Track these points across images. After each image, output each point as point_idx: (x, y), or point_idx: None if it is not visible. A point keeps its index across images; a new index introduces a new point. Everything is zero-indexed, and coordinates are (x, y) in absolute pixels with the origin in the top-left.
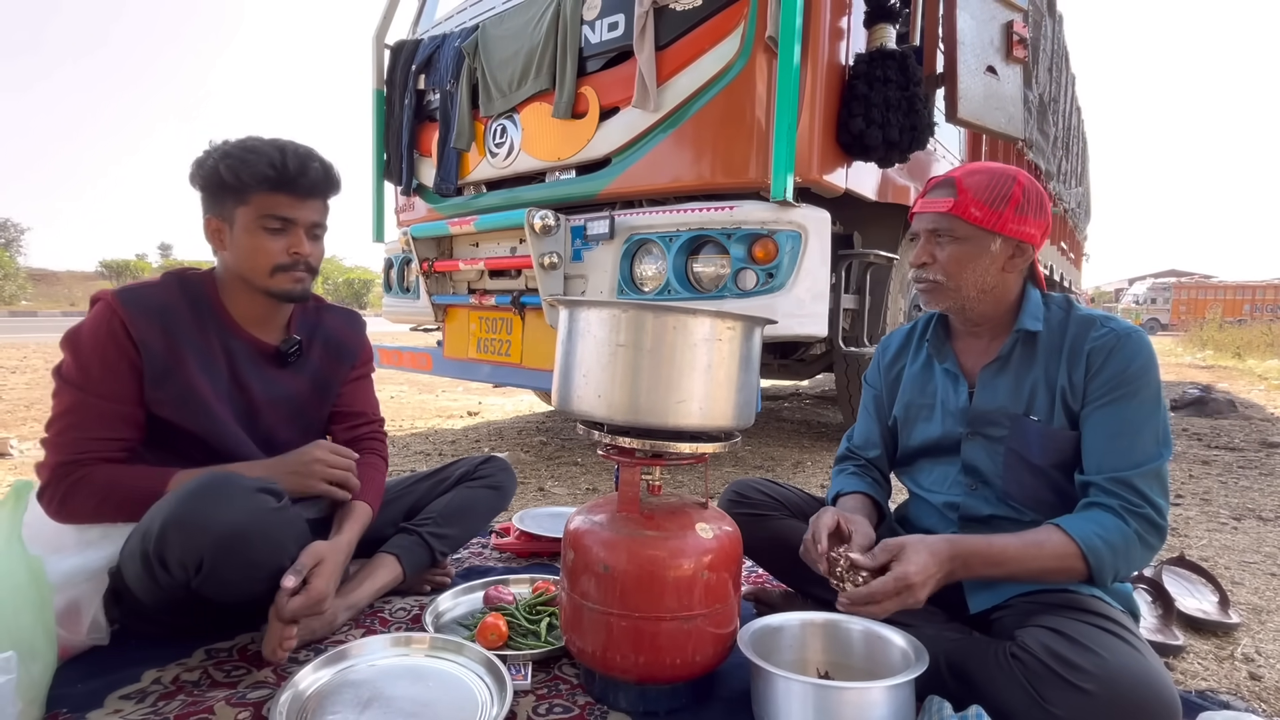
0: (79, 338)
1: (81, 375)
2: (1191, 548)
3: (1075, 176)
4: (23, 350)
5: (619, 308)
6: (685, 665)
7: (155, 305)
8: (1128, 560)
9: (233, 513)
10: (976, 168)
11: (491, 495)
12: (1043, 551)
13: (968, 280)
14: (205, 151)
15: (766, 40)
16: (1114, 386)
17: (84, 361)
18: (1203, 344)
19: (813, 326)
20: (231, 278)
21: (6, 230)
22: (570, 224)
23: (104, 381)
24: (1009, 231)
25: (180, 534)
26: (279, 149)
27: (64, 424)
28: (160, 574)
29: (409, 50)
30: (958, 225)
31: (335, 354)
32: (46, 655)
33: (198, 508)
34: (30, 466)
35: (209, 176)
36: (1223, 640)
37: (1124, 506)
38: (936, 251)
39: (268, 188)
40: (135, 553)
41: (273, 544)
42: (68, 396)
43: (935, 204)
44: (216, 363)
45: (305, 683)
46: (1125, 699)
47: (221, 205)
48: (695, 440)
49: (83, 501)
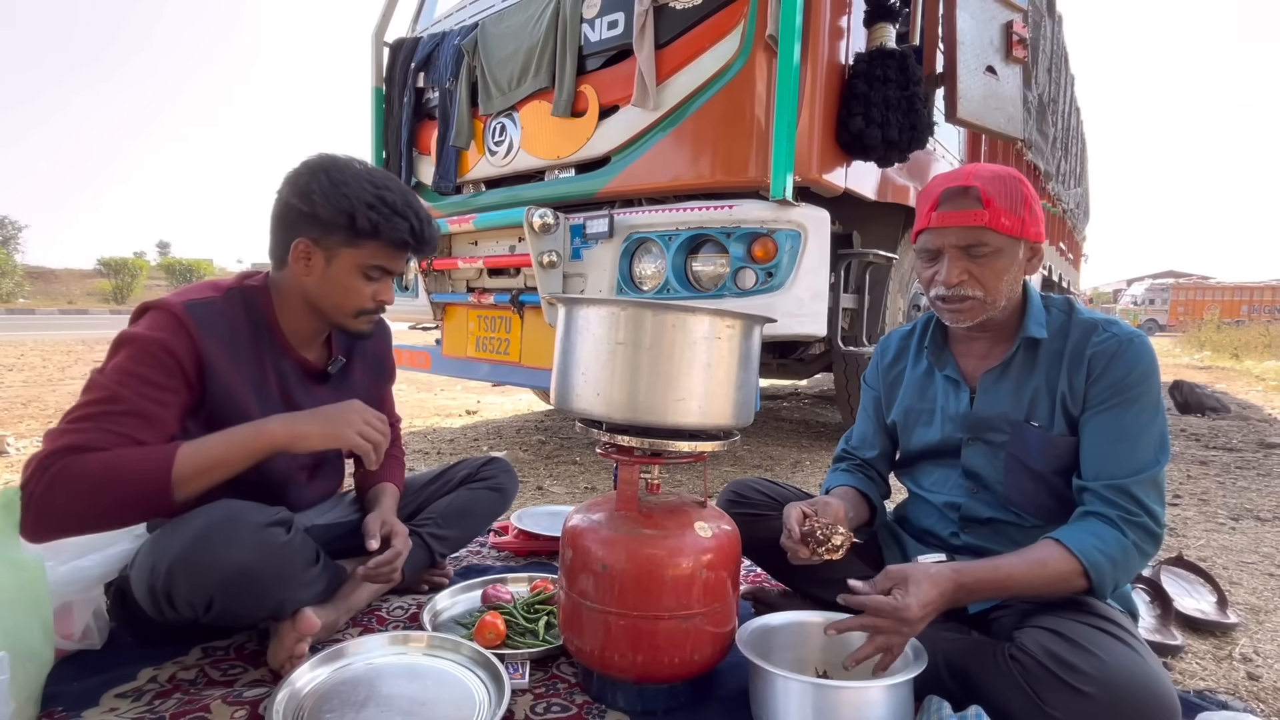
0: (138, 340)
1: (129, 374)
2: (1189, 548)
3: (1074, 177)
4: (20, 348)
5: (618, 305)
6: (683, 664)
7: (224, 324)
8: (1127, 571)
9: (241, 551)
10: (985, 174)
11: (493, 497)
12: (1046, 570)
13: (1003, 292)
14: (325, 177)
15: (766, 39)
16: (1115, 392)
17: (138, 362)
18: (1201, 345)
19: (812, 326)
20: (296, 300)
21: (4, 228)
22: (569, 222)
23: (152, 385)
24: (1030, 235)
25: (188, 575)
26: (416, 215)
27: (87, 412)
28: (168, 610)
29: (408, 48)
30: (992, 237)
31: (376, 370)
32: (43, 654)
33: (205, 548)
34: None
35: (332, 211)
36: (1221, 640)
37: (1122, 517)
38: (971, 267)
39: (390, 244)
40: (143, 584)
41: (282, 578)
42: (102, 389)
43: (964, 217)
44: (269, 385)
45: (302, 681)
46: (1124, 701)
47: (328, 236)
48: (694, 439)
49: (71, 490)
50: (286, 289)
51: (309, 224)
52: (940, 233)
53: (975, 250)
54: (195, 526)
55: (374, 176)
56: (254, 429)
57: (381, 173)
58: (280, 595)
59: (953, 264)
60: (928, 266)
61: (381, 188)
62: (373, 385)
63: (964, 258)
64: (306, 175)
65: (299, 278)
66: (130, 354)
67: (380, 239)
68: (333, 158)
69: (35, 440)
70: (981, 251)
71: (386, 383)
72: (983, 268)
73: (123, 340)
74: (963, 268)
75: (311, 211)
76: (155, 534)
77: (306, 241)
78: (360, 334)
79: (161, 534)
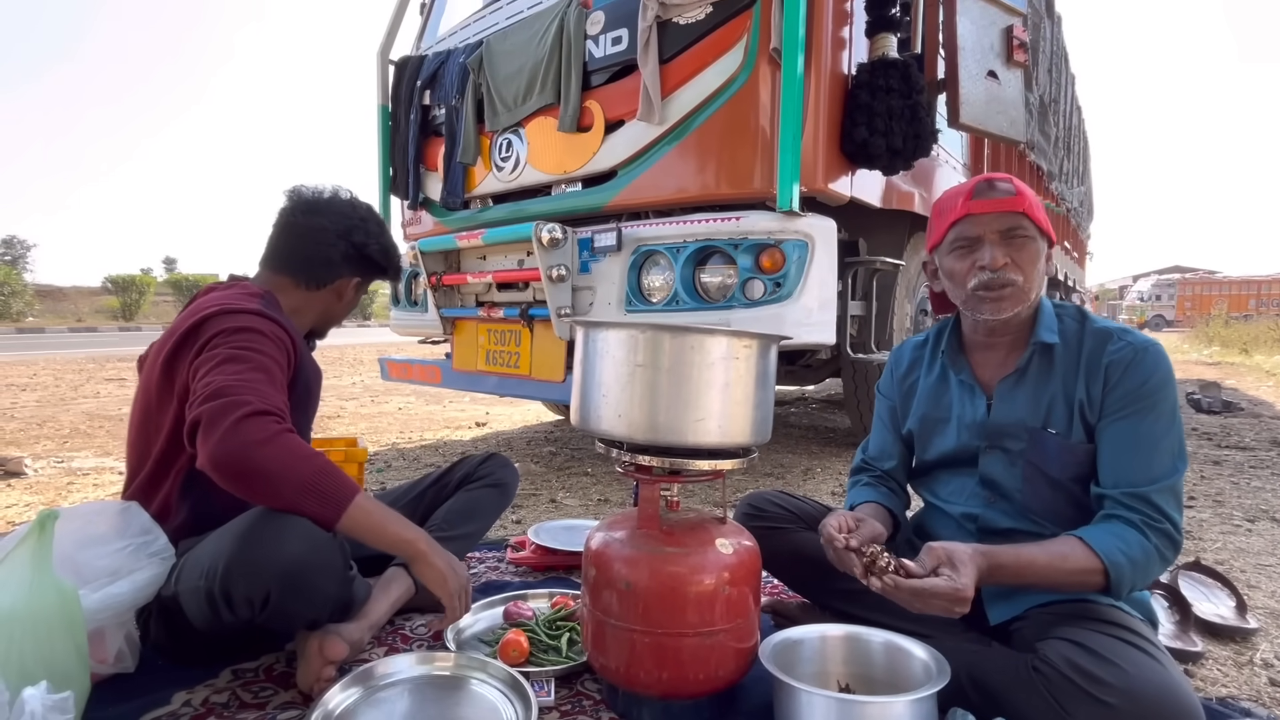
0: (252, 325)
1: (263, 349)
2: (1206, 551)
3: (1077, 176)
4: (32, 367)
5: (637, 329)
6: (708, 680)
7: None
8: (1145, 575)
9: (295, 546)
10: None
11: (494, 494)
12: (1066, 564)
13: (1035, 284)
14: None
15: (770, 52)
16: (1132, 400)
17: (263, 342)
18: (1209, 340)
19: (821, 334)
20: (308, 316)
21: (13, 247)
22: (577, 236)
23: (280, 365)
24: (1050, 234)
25: (245, 572)
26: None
27: (254, 377)
28: (225, 612)
29: (413, 66)
30: (1028, 224)
31: None
32: (80, 681)
33: (259, 545)
34: (47, 486)
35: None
36: (1241, 645)
37: (1144, 521)
38: (1011, 252)
39: (378, 275)
40: (197, 590)
41: (331, 571)
42: (252, 359)
43: (1003, 203)
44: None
45: (334, 702)
46: (1148, 711)
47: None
48: (713, 457)
49: (293, 450)
50: (303, 307)
51: (360, 266)
52: (979, 220)
53: (1014, 234)
54: (245, 527)
55: (381, 226)
56: (405, 530)
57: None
58: (327, 590)
59: (997, 248)
60: (964, 257)
61: (387, 239)
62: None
63: (1003, 242)
64: (361, 224)
65: (329, 304)
66: (254, 339)
67: (389, 276)
68: (368, 205)
69: (52, 461)
70: (1020, 235)
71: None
72: (1021, 253)
73: (239, 328)
74: (1004, 251)
75: (366, 256)
76: (201, 544)
77: (356, 281)
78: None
79: (214, 539)
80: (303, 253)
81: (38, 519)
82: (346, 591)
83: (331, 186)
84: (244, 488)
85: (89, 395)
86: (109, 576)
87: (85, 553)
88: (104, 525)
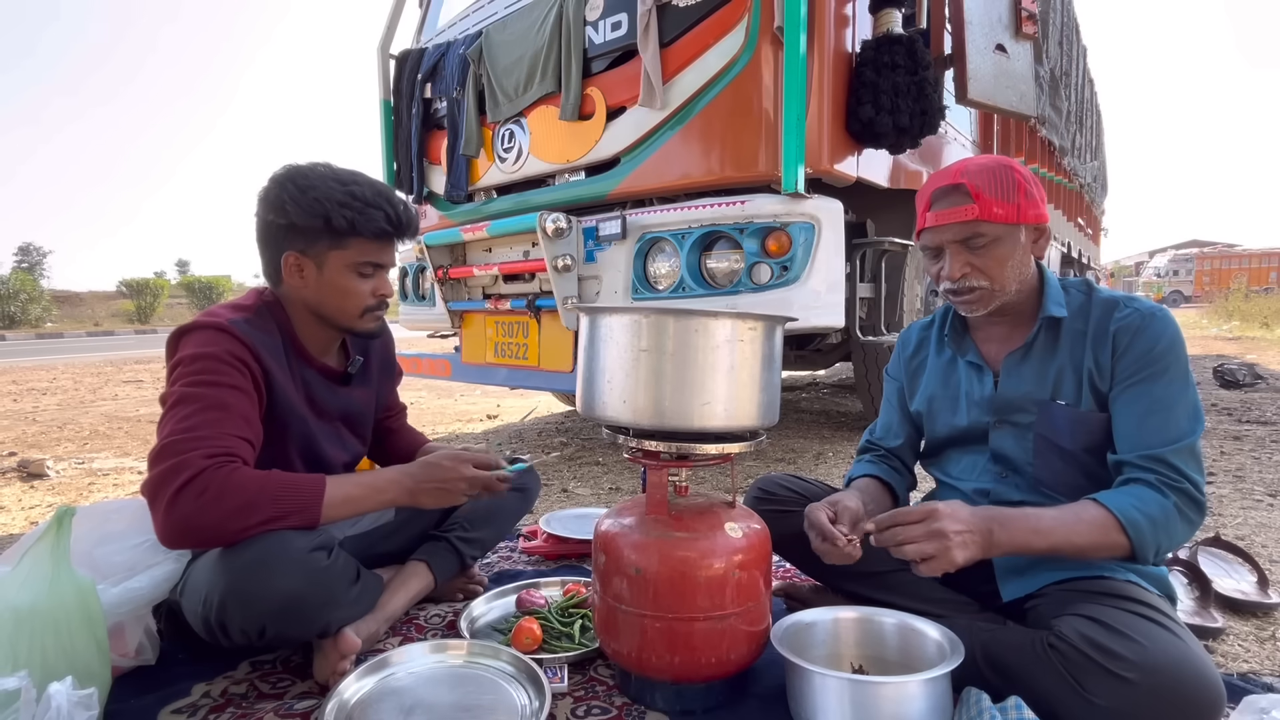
0: (211, 355)
1: (219, 379)
2: (1227, 526)
3: (1090, 150)
4: (52, 371)
5: (640, 313)
6: (720, 664)
7: (265, 338)
8: (1169, 534)
9: (289, 580)
10: (973, 168)
11: (516, 498)
12: (1080, 520)
13: (1010, 277)
14: (292, 186)
15: (773, 31)
16: (1142, 365)
17: (219, 368)
18: (1229, 315)
19: (829, 317)
20: (304, 312)
21: (30, 254)
22: (582, 225)
23: (243, 392)
24: (1028, 219)
25: (240, 608)
26: (389, 202)
27: (203, 418)
28: (222, 639)
29: (414, 59)
30: (987, 228)
31: (385, 368)
32: (102, 674)
33: (254, 580)
34: (69, 486)
35: (307, 217)
36: (1263, 621)
37: (1161, 480)
38: (972, 260)
39: (371, 236)
40: (197, 616)
41: (329, 600)
42: (204, 395)
43: (955, 213)
44: (298, 393)
45: (350, 692)
46: (1168, 686)
47: (312, 245)
48: (721, 441)
49: (236, 493)
50: (292, 303)
51: (291, 236)
52: (937, 231)
53: (973, 243)
54: (242, 559)
55: (340, 175)
56: (388, 488)
57: (347, 170)
58: (328, 616)
59: (953, 259)
60: (933, 264)
61: (350, 183)
62: (384, 382)
63: (964, 251)
64: (275, 189)
65: (298, 291)
66: (208, 366)
67: (360, 234)
68: (297, 166)
69: (73, 463)
70: (979, 243)
71: (395, 379)
72: (983, 258)
73: (195, 356)
74: (964, 261)
75: (289, 223)
76: (201, 562)
77: (294, 254)
78: (370, 333)
79: (209, 565)
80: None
81: (54, 516)
82: (354, 613)
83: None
84: (211, 545)
85: (107, 397)
86: (127, 572)
87: (103, 549)
88: (121, 522)
